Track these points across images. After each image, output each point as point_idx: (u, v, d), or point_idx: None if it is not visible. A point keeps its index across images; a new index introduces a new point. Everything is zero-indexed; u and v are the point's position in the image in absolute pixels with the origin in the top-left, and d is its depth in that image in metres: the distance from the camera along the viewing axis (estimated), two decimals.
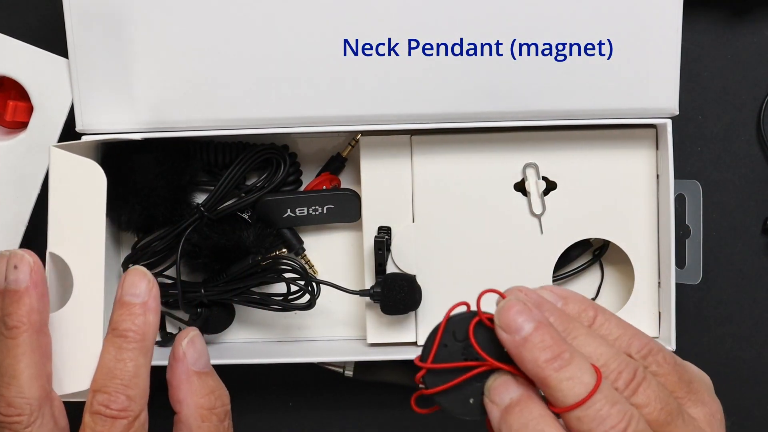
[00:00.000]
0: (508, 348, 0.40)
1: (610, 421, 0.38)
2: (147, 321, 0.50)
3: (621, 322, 0.43)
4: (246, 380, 0.66)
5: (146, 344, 0.49)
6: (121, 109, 0.58)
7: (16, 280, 0.49)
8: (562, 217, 0.62)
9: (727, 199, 0.66)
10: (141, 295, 0.50)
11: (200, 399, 0.51)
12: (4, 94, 0.60)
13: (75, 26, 0.57)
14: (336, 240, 0.65)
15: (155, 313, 0.50)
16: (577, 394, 0.38)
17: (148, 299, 0.50)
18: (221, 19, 0.57)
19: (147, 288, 0.50)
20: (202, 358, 0.52)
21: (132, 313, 0.49)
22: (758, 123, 0.66)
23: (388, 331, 0.63)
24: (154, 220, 0.61)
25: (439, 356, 0.43)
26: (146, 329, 0.49)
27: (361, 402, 0.68)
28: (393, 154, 0.61)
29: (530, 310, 0.40)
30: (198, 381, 0.51)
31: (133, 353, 0.49)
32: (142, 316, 0.49)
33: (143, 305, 0.50)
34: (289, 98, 0.58)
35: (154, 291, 0.50)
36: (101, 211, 0.51)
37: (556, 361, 0.39)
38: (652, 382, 0.40)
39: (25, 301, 0.49)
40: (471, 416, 0.43)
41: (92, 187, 0.51)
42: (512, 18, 0.57)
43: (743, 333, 0.67)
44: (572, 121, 0.59)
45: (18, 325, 0.49)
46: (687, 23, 0.57)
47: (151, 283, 0.50)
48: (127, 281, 0.50)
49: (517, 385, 0.40)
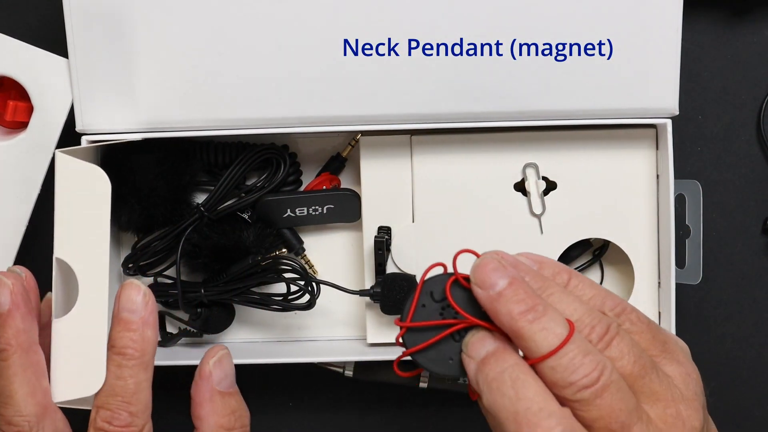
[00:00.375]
0: (483, 303, 0.41)
1: (582, 369, 0.38)
2: (145, 337, 0.50)
3: (594, 285, 0.44)
4: (246, 380, 0.66)
5: (145, 359, 0.50)
6: (121, 109, 0.58)
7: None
8: (562, 217, 0.62)
9: (727, 199, 0.66)
10: (137, 311, 0.50)
11: (221, 419, 0.52)
12: (4, 94, 0.60)
13: (75, 26, 0.57)
14: (336, 240, 0.65)
15: (153, 327, 0.50)
16: (550, 343, 0.39)
17: (144, 314, 0.50)
18: (221, 19, 0.57)
19: (143, 302, 0.50)
20: (227, 378, 0.53)
21: (129, 330, 0.50)
22: (758, 123, 0.66)
23: (388, 331, 0.63)
24: (154, 220, 0.61)
25: (418, 316, 0.43)
26: (144, 345, 0.50)
27: (361, 402, 0.68)
28: (393, 154, 0.61)
29: (504, 267, 0.41)
30: (221, 401, 0.52)
31: (133, 370, 0.49)
32: (140, 332, 0.50)
33: (140, 321, 0.50)
34: (289, 98, 0.58)
35: (151, 305, 0.50)
36: (106, 217, 0.51)
37: (530, 314, 0.40)
38: (626, 337, 0.41)
39: (10, 323, 0.50)
40: (450, 374, 0.43)
41: (97, 193, 0.51)
42: (512, 18, 0.57)
43: (743, 333, 0.67)
44: (572, 121, 0.59)
45: (6, 347, 0.49)
46: (687, 23, 0.57)
47: (146, 296, 0.50)
48: (123, 296, 0.50)
49: (492, 339, 0.41)
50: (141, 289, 0.50)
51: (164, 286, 0.63)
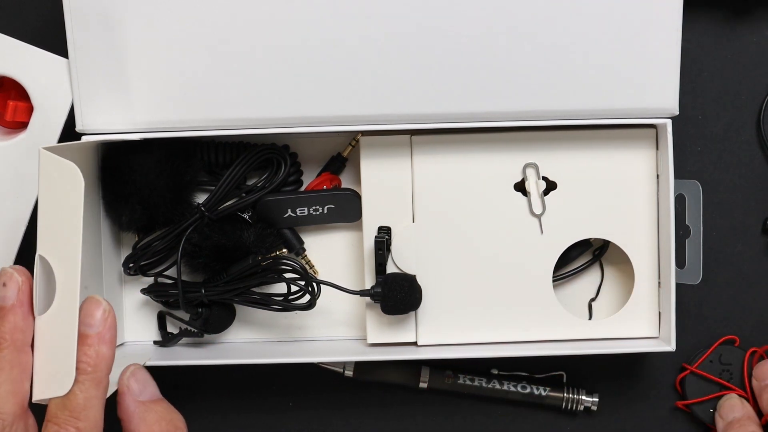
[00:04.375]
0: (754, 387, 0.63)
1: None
2: (99, 352, 0.50)
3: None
4: (246, 380, 0.66)
5: (98, 375, 0.49)
6: (121, 109, 0.58)
7: (3, 297, 0.50)
8: (562, 217, 0.62)
9: (727, 199, 0.66)
10: (95, 326, 0.50)
11: (152, 427, 0.52)
12: (4, 94, 0.60)
13: (75, 26, 0.57)
14: (336, 240, 0.65)
15: (109, 344, 0.50)
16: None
17: (102, 329, 0.50)
18: (221, 19, 0.57)
19: (102, 318, 0.50)
20: (147, 388, 0.53)
21: (84, 344, 0.49)
22: (758, 123, 0.66)
23: (388, 331, 0.63)
24: (155, 220, 0.61)
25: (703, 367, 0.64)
26: (98, 361, 0.49)
27: (361, 402, 0.67)
28: (393, 154, 0.61)
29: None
30: (146, 411, 0.52)
31: (84, 385, 0.49)
32: (95, 347, 0.50)
33: (97, 336, 0.50)
34: (289, 98, 0.58)
35: (110, 321, 0.50)
36: (79, 215, 0.50)
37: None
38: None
39: (10, 318, 0.50)
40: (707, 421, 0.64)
41: (71, 189, 0.50)
42: (512, 18, 0.57)
43: (743, 333, 0.67)
44: (572, 121, 0.59)
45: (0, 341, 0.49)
46: (687, 23, 0.57)
47: (106, 312, 0.50)
48: (83, 311, 0.50)
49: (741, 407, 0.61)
50: (101, 305, 0.50)
51: (165, 286, 0.63)
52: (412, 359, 0.66)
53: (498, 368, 0.67)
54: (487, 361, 0.66)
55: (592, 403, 0.66)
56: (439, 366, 0.66)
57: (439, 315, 0.62)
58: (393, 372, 0.66)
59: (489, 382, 0.66)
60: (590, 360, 0.66)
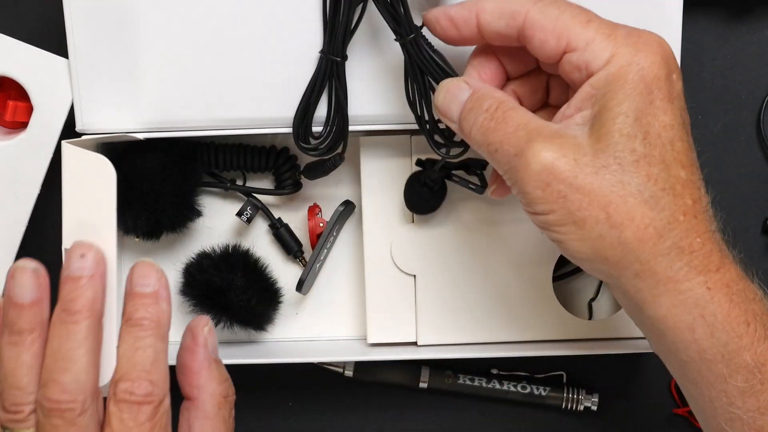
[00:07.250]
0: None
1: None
2: (161, 309, 0.49)
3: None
4: (246, 380, 0.66)
5: (162, 331, 0.49)
6: (121, 109, 0.58)
7: (81, 267, 0.48)
8: None
9: (727, 199, 0.66)
10: (152, 285, 0.49)
11: (219, 386, 0.51)
12: (4, 94, 0.60)
13: (75, 26, 0.57)
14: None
15: (167, 301, 0.50)
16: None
17: (158, 288, 0.50)
18: (222, 19, 0.57)
19: (156, 278, 0.50)
20: (217, 347, 0.53)
21: (145, 303, 0.49)
22: (758, 123, 0.66)
23: (388, 331, 0.63)
24: (161, 224, 0.61)
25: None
26: (161, 316, 0.49)
27: (361, 402, 0.68)
28: (393, 154, 0.61)
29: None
30: (217, 369, 0.52)
31: (151, 340, 0.48)
32: (155, 305, 0.49)
33: (154, 294, 0.49)
34: (289, 98, 0.57)
35: (164, 280, 0.50)
36: (112, 206, 0.51)
37: None
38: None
39: (90, 288, 0.48)
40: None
41: (103, 182, 0.51)
42: None
43: None
44: None
45: (81, 310, 0.48)
46: (687, 23, 0.57)
47: (159, 273, 0.50)
48: (136, 273, 0.50)
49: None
50: (153, 266, 0.50)
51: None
52: (412, 359, 0.66)
53: (498, 368, 0.67)
54: (487, 361, 0.67)
55: (592, 403, 0.66)
56: (439, 366, 0.66)
57: (439, 315, 0.62)
58: (393, 372, 0.66)
59: (489, 382, 0.66)
60: (590, 360, 0.66)
